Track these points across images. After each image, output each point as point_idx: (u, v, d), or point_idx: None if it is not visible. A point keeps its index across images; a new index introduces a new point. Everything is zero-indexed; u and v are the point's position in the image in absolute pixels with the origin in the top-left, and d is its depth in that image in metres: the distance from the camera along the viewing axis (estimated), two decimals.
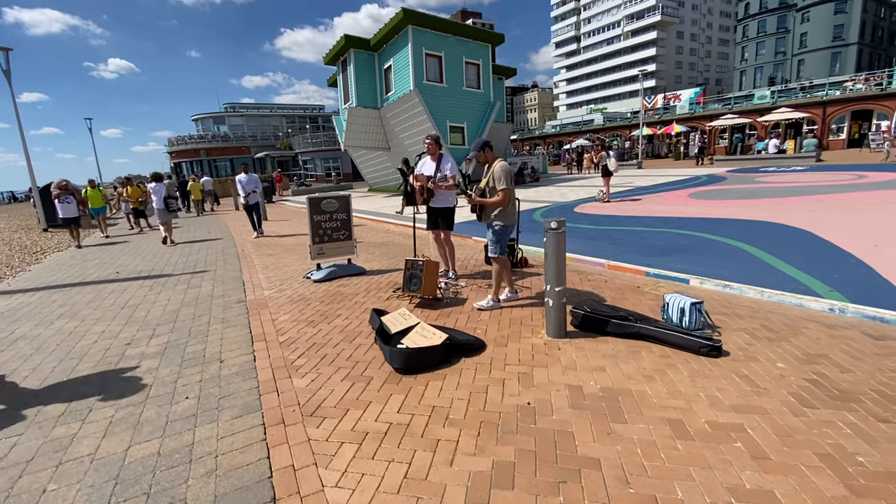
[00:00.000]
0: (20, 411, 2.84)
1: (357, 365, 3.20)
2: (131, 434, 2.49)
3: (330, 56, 21.84)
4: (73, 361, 3.61)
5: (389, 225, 11.19)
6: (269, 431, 2.42)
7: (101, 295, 5.80)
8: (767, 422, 2.30)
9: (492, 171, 4.05)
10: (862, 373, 2.78)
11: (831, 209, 8.15)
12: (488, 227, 4.23)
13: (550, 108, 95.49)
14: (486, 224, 4.26)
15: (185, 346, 3.76)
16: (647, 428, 2.29)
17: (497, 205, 4.03)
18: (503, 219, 4.09)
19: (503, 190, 3.97)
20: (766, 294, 4.23)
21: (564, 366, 3.02)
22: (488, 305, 4.25)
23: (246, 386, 2.97)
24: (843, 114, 27.96)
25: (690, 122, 34.69)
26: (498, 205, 4.03)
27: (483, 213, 4.21)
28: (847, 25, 48.42)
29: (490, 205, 4.08)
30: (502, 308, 4.28)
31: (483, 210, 4.19)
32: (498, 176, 3.99)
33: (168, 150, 46.83)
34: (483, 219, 4.25)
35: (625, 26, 71.15)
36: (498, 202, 4.01)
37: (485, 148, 4.16)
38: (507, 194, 3.99)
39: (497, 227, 4.11)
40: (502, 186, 3.97)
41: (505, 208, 4.06)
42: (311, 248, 5.87)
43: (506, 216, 4.09)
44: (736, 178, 15.23)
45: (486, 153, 4.16)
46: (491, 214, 4.13)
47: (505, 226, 4.11)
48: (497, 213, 4.08)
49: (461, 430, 2.35)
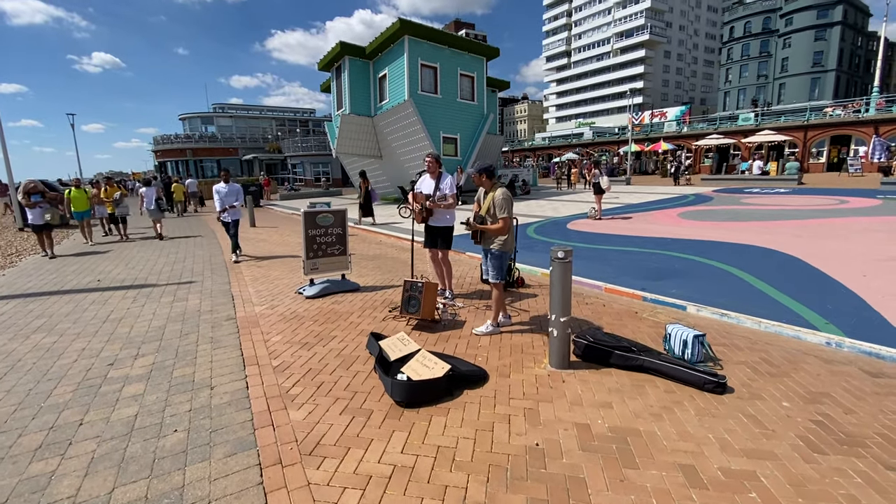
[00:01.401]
0: None
1: (356, 396, 3.08)
2: (115, 473, 2.33)
3: (324, 62, 21.71)
4: (51, 384, 3.41)
5: (381, 236, 11.08)
6: (265, 473, 2.28)
7: (80, 306, 5.55)
8: (780, 469, 2.27)
9: (492, 199, 4.00)
10: (865, 414, 2.78)
11: (817, 235, 8.33)
12: (487, 252, 4.18)
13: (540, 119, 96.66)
14: (484, 248, 4.21)
15: (172, 369, 3.59)
16: (660, 475, 2.23)
17: (498, 233, 3.99)
18: (503, 246, 4.05)
19: (504, 219, 3.94)
20: (763, 325, 4.25)
21: (570, 401, 2.95)
22: (487, 331, 4.17)
23: (239, 418, 2.82)
24: (823, 138, 28.88)
25: (677, 140, 35.44)
26: (499, 233, 3.99)
27: (483, 237, 4.16)
28: (826, 52, 50.28)
29: (491, 232, 4.03)
30: (501, 333, 4.21)
31: (483, 234, 4.14)
32: (500, 204, 3.96)
33: (153, 148, 45.91)
34: (482, 243, 4.20)
35: (614, 44, 72.68)
36: (499, 230, 3.96)
37: (484, 173, 4.09)
38: (507, 223, 3.96)
39: (497, 253, 4.06)
40: (503, 215, 3.94)
41: (507, 237, 4.03)
42: (304, 264, 5.72)
43: (506, 243, 4.05)
44: (722, 199, 15.54)
45: (484, 179, 4.10)
46: (491, 240, 4.08)
47: (505, 252, 4.07)
48: (497, 240, 4.04)
49: (469, 474, 2.25)
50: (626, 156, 32.25)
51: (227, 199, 8.05)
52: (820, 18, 49.87)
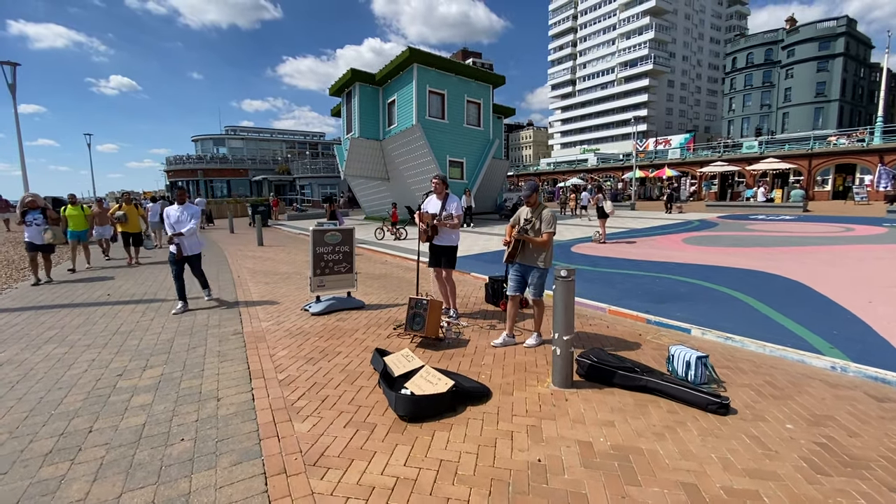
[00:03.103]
0: (3, 445, 2.70)
1: (360, 409, 3.11)
2: (124, 479, 2.37)
3: (335, 87, 22.41)
4: (62, 392, 3.47)
5: (387, 256, 11.19)
6: (270, 482, 2.31)
7: (91, 318, 5.65)
8: (783, 489, 2.26)
9: (541, 214, 4.22)
10: (869, 437, 2.77)
11: (822, 261, 8.33)
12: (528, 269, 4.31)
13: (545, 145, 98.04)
14: (522, 264, 4.34)
15: (179, 381, 3.64)
16: (662, 493, 2.24)
17: (542, 245, 4.18)
18: (546, 262, 4.23)
19: (549, 233, 4.14)
20: (767, 348, 4.25)
21: (573, 419, 2.97)
22: (536, 342, 4.42)
23: (245, 429, 2.86)
24: (828, 166, 29.04)
25: (682, 167, 35.76)
26: (543, 245, 4.18)
27: (524, 254, 4.30)
28: (829, 83, 51.02)
29: (536, 244, 4.20)
30: (505, 351, 4.24)
31: (524, 251, 4.29)
32: (547, 219, 4.17)
33: (166, 168, 46.97)
34: (520, 259, 4.33)
35: (619, 73, 74.31)
36: (543, 242, 4.16)
37: (534, 192, 4.33)
38: (551, 237, 4.18)
39: (542, 269, 4.25)
40: (549, 230, 4.15)
41: (548, 251, 4.23)
42: (311, 280, 5.82)
43: (548, 259, 4.24)
44: (727, 225, 15.58)
45: (534, 197, 4.33)
46: (536, 257, 4.24)
47: (548, 268, 4.25)
48: (542, 256, 4.22)
49: (471, 488, 2.27)
50: (630, 182, 32.53)
51: (179, 225, 5.93)
52: (822, 50, 50.81)
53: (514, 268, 4.42)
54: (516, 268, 4.39)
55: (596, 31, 78.23)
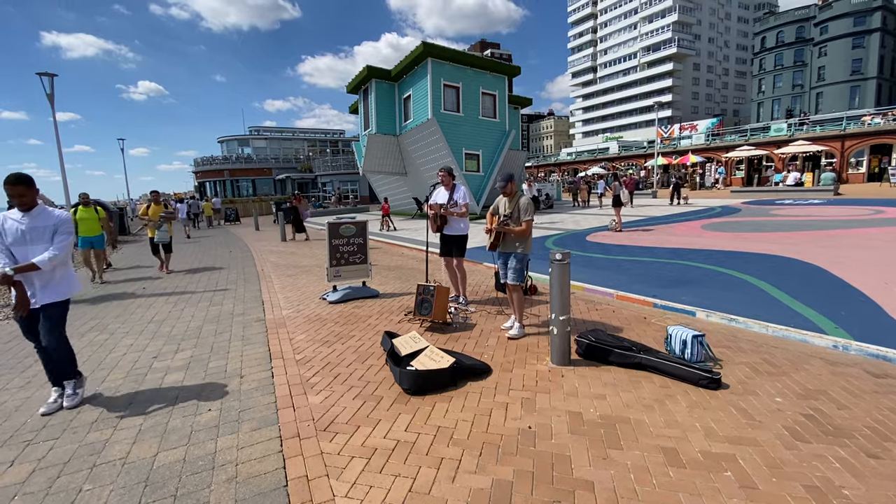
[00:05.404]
0: (55, 415, 3.07)
1: (368, 385, 3.37)
2: (159, 441, 2.69)
3: (352, 85, 22.78)
4: (104, 372, 3.86)
5: (404, 248, 11.47)
6: (285, 444, 2.59)
7: (128, 310, 6.11)
8: (759, 453, 2.39)
9: (518, 203, 4.31)
10: (859, 410, 2.84)
11: (845, 245, 8.14)
12: (508, 256, 4.40)
13: (566, 135, 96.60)
14: (503, 252, 4.44)
15: (207, 362, 3.99)
16: (642, 455, 2.40)
17: (521, 234, 4.28)
18: (525, 248, 4.33)
19: (528, 221, 4.24)
20: (770, 329, 4.29)
21: (566, 392, 3.15)
22: (518, 334, 4.38)
23: (264, 401, 3.16)
24: (861, 147, 27.75)
25: (706, 152, 34.76)
26: (522, 234, 4.27)
27: (504, 241, 4.42)
28: (865, 60, 48.37)
29: (515, 234, 4.30)
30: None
31: (505, 239, 4.41)
32: (524, 208, 4.27)
33: (194, 169, 48.67)
34: (501, 247, 4.44)
35: (641, 58, 72.33)
36: (522, 231, 4.25)
37: (510, 180, 4.43)
38: (530, 225, 4.27)
39: (520, 255, 4.34)
40: (528, 218, 4.24)
41: (527, 238, 4.32)
42: (328, 271, 6.13)
43: (527, 245, 4.34)
44: (751, 211, 15.21)
45: (512, 185, 4.43)
46: (515, 244, 4.35)
47: (526, 254, 4.35)
48: (520, 242, 4.33)
49: (464, 449, 2.49)
50: (652, 169, 31.87)
51: (24, 250, 3.07)
52: (857, 26, 48.15)
53: (499, 256, 4.52)
54: (500, 256, 4.49)
55: (617, 16, 76.29)
